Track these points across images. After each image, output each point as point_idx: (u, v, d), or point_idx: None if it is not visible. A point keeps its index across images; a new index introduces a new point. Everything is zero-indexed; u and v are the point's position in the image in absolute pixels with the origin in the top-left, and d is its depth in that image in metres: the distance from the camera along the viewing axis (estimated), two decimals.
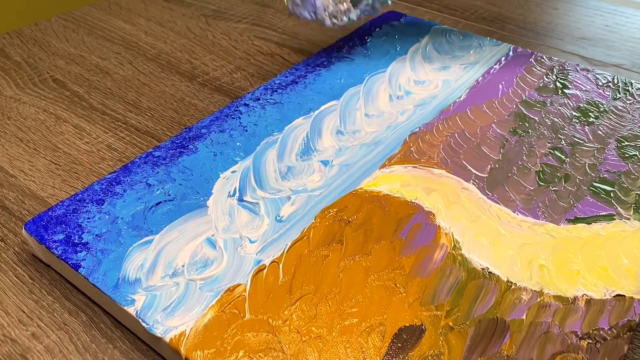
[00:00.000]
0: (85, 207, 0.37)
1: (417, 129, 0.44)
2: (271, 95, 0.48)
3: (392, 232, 0.35)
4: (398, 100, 0.48)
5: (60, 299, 0.34)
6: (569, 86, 0.49)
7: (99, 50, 0.59)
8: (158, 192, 0.38)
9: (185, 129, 0.44)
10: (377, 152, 0.42)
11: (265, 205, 0.37)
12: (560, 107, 0.47)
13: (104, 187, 0.38)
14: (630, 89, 0.49)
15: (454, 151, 0.42)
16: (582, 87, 0.49)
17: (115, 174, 0.39)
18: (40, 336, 0.32)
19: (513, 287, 0.32)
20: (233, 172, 0.39)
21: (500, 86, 0.49)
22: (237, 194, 0.38)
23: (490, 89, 0.49)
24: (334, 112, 0.46)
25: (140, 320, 0.30)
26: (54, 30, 0.62)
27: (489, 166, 0.41)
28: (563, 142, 0.43)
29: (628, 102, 0.48)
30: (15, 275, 0.35)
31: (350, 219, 0.36)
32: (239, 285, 0.32)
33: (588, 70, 0.52)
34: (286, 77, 0.50)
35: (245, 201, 0.37)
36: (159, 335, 0.30)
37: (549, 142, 0.43)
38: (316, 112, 0.46)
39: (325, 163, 0.40)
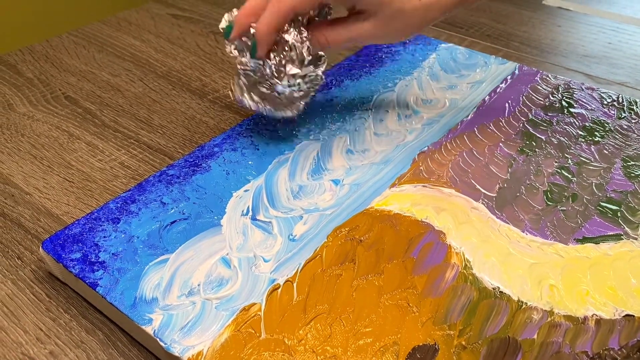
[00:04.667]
0: (101, 225, 0.37)
1: (426, 148, 0.45)
2: None
3: (404, 251, 0.36)
4: (407, 119, 0.48)
5: (77, 317, 0.35)
6: (575, 105, 0.50)
7: (109, 66, 0.59)
8: (172, 210, 0.38)
9: (198, 147, 0.45)
10: (386, 171, 0.42)
11: (278, 224, 0.38)
12: (566, 126, 0.48)
13: (119, 205, 0.39)
14: (635, 107, 0.50)
15: (462, 170, 0.43)
16: (587, 106, 0.50)
17: (130, 193, 0.40)
18: (59, 354, 0.33)
19: (524, 306, 0.33)
20: (246, 190, 0.40)
21: (507, 105, 0.50)
22: (250, 213, 0.38)
23: (497, 108, 0.50)
24: (344, 131, 0.46)
25: (158, 339, 0.31)
26: (65, 46, 0.63)
27: (498, 185, 0.41)
28: (570, 161, 0.44)
29: (633, 121, 0.48)
30: (32, 293, 0.36)
31: (362, 238, 0.37)
32: (254, 304, 0.33)
33: (593, 89, 0.52)
34: None
35: (259, 220, 0.38)
36: (176, 354, 0.30)
37: (556, 162, 0.44)
38: (325, 130, 0.46)
39: (336, 182, 0.41)
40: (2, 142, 0.48)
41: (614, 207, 0.40)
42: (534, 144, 0.45)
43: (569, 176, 0.42)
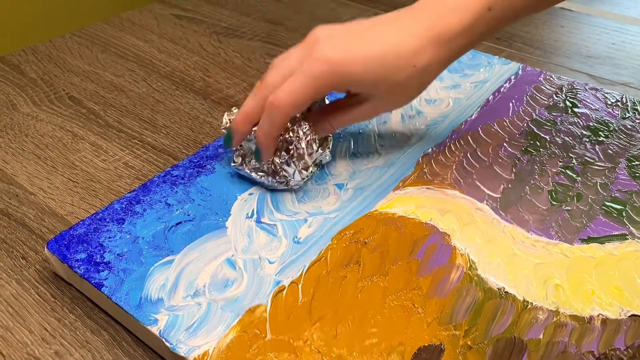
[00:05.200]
0: (106, 226, 0.37)
1: (430, 150, 0.45)
2: None
3: (409, 253, 0.36)
4: (410, 120, 0.48)
5: (82, 317, 0.35)
6: (579, 105, 0.50)
7: (113, 67, 0.59)
8: (177, 212, 0.38)
9: (203, 147, 0.45)
10: (390, 174, 0.42)
11: (283, 227, 0.38)
12: (570, 126, 0.48)
13: (123, 206, 0.39)
14: (639, 107, 0.50)
15: (466, 171, 0.43)
16: (591, 106, 0.50)
17: (134, 193, 0.40)
18: (64, 354, 0.33)
19: (529, 306, 0.33)
20: (250, 194, 0.40)
21: (511, 105, 0.50)
22: (255, 216, 0.38)
23: (501, 108, 0.50)
24: (347, 134, 0.46)
25: (164, 339, 0.31)
26: (68, 47, 0.63)
27: (502, 186, 0.41)
28: (574, 161, 0.44)
29: (637, 121, 0.48)
30: (37, 294, 0.36)
31: (367, 241, 0.37)
32: (259, 305, 0.33)
33: (597, 89, 0.52)
34: None
35: (264, 223, 0.38)
36: (182, 354, 0.30)
37: (560, 161, 0.44)
38: None
39: (340, 187, 0.41)
40: (6, 142, 0.48)
41: (619, 207, 0.40)
42: (538, 143, 0.45)
43: (574, 176, 0.42)
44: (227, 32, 0.66)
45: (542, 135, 0.46)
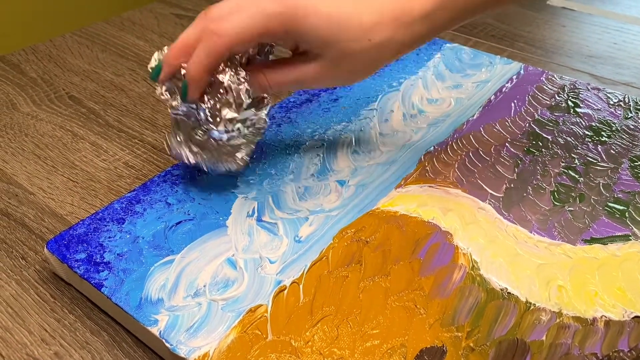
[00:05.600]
0: (106, 226, 0.37)
1: (432, 148, 0.44)
2: (286, 113, 0.48)
3: (411, 252, 0.36)
4: (412, 118, 0.48)
5: (82, 317, 0.34)
6: (581, 105, 0.50)
7: (113, 66, 0.59)
8: (178, 211, 0.38)
9: None
10: (392, 171, 0.42)
11: (284, 225, 0.37)
12: (572, 126, 0.47)
13: (123, 205, 0.39)
14: None
15: (469, 171, 0.42)
16: (593, 106, 0.50)
17: (134, 193, 0.40)
18: (63, 355, 0.32)
19: (532, 307, 0.33)
20: (251, 192, 0.40)
21: (513, 104, 0.50)
22: (256, 214, 0.38)
23: (503, 108, 0.49)
24: (349, 132, 0.46)
25: (164, 340, 0.30)
26: (69, 46, 0.63)
27: (504, 186, 0.41)
28: (577, 161, 0.44)
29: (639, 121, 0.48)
30: (36, 294, 0.36)
31: (369, 240, 0.37)
32: (260, 305, 0.32)
33: (599, 89, 0.52)
34: (300, 95, 0.51)
35: (264, 221, 0.38)
36: (182, 355, 0.30)
37: (562, 162, 0.43)
38: (330, 131, 0.46)
39: (341, 183, 0.41)
40: (5, 141, 0.48)
41: (622, 208, 0.39)
42: (541, 144, 0.45)
43: (576, 176, 0.42)
44: None
45: (544, 135, 0.46)
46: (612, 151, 0.45)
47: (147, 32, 0.66)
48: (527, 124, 0.47)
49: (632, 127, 0.47)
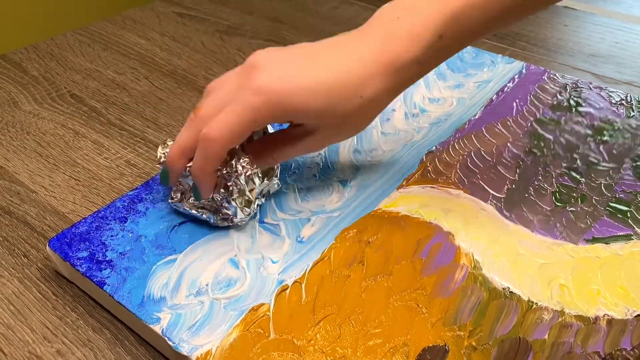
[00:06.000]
0: (108, 224, 0.37)
1: (434, 148, 0.44)
2: None
3: (412, 252, 0.36)
4: (414, 118, 0.48)
5: (84, 315, 0.34)
6: (583, 104, 0.50)
7: (114, 65, 0.59)
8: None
9: None
10: (394, 171, 0.42)
11: (286, 226, 0.37)
12: (574, 125, 0.47)
13: (126, 204, 0.39)
14: None
15: (470, 171, 0.42)
16: (595, 105, 0.50)
17: (136, 191, 0.40)
18: (66, 353, 0.32)
19: (534, 306, 0.33)
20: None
21: (515, 104, 0.50)
22: (258, 216, 0.38)
23: (504, 107, 0.49)
24: None
25: (166, 338, 0.30)
26: (70, 44, 0.63)
27: (506, 186, 0.41)
28: (578, 161, 0.43)
29: None
30: (39, 292, 0.36)
31: (370, 240, 0.37)
32: (262, 304, 0.32)
33: (601, 88, 0.52)
34: None
35: (266, 222, 0.38)
36: (185, 353, 0.30)
37: (564, 162, 0.43)
38: None
39: (343, 183, 0.41)
40: (7, 140, 0.48)
41: (624, 208, 0.39)
42: (542, 144, 0.45)
43: (578, 177, 0.42)
44: (229, 30, 0.66)
45: (546, 135, 0.46)
46: (614, 151, 0.45)
47: (149, 31, 0.66)
48: (529, 124, 0.47)
49: (634, 126, 0.47)
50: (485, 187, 0.41)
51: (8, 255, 0.38)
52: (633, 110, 0.49)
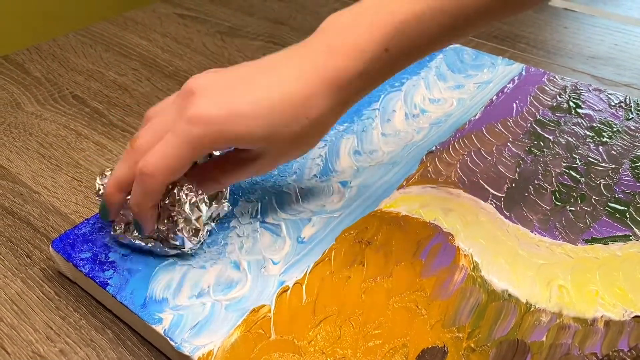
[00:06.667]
0: (110, 225, 0.37)
1: (434, 148, 0.45)
2: None
3: (412, 253, 0.36)
4: (414, 118, 0.48)
5: (86, 315, 0.35)
6: (582, 106, 0.50)
7: (116, 66, 0.59)
8: None
9: None
10: (394, 172, 0.42)
11: (287, 226, 0.38)
12: (574, 127, 0.48)
13: None
14: None
15: (470, 170, 0.43)
16: (595, 107, 0.50)
17: None
18: (69, 353, 0.33)
19: (532, 309, 0.33)
20: (254, 194, 0.40)
21: (515, 105, 0.50)
22: (259, 216, 0.38)
23: (504, 108, 0.50)
24: (351, 132, 0.46)
25: (168, 338, 0.31)
26: (72, 46, 0.63)
27: (506, 186, 0.41)
28: (578, 161, 0.44)
29: None
30: (42, 292, 0.36)
31: (371, 240, 0.37)
32: (263, 306, 0.33)
33: (600, 90, 0.52)
34: None
35: (267, 223, 0.38)
36: (186, 353, 0.30)
37: (564, 162, 0.44)
38: (333, 131, 0.46)
39: (344, 184, 0.41)
40: (10, 141, 0.49)
41: (622, 208, 0.40)
42: (542, 144, 0.45)
43: (577, 176, 0.42)
44: (230, 31, 0.66)
45: (545, 135, 0.46)
46: (613, 152, 0.45)
47: (150, 32, 0.66)
48: (529, 124, 0.48)
49: (632, 128, 0.48)
50: (485, 186, 0.41)
51: (11, 256, 0.38)
52: (632, 113, 0.49)
